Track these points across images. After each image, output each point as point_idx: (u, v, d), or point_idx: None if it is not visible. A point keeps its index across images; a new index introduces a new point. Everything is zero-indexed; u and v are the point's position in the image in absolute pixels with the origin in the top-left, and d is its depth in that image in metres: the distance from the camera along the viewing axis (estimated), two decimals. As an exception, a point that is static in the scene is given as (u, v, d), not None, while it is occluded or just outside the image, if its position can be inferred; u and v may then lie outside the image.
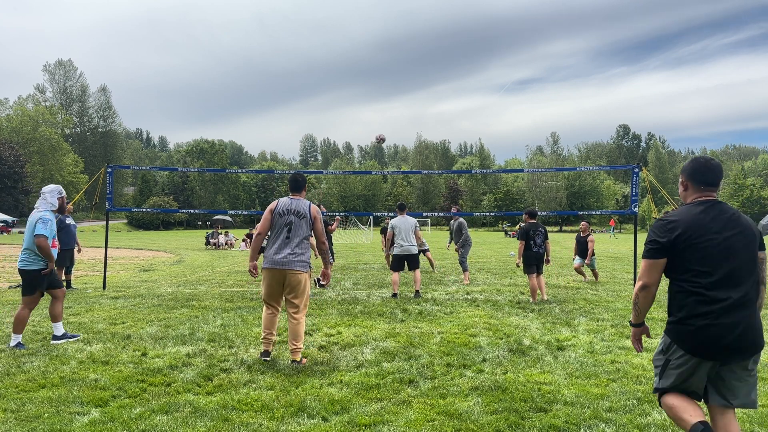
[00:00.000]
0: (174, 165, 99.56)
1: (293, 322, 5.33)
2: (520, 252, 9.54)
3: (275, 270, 5.24)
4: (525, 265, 9.55)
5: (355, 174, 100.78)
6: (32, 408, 4.07)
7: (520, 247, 9.58)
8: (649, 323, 7.50)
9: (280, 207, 5.33)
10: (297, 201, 5.39)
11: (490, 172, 18.32)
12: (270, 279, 5.30)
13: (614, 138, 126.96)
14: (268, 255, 5.28)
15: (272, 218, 5.32)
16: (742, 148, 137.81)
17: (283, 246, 5.24)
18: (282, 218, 5.28)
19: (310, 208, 5.36)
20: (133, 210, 20.60)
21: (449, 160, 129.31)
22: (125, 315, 7.85)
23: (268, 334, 5.41)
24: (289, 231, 5.24)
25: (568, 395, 4.46)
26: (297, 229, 5.26)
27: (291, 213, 5.29)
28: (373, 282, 12.31)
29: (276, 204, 5.39)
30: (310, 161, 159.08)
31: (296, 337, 5.30)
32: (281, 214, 5.29)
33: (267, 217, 5.35)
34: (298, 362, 5.25)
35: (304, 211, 5.32)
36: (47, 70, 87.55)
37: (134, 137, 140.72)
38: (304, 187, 5.52)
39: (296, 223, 5.27)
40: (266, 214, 5.36)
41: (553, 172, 79.10)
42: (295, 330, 5.31)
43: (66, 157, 73.71)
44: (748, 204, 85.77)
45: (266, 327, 5.43)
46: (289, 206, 5.34)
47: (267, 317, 5.44)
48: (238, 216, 76.32)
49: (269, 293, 5.37)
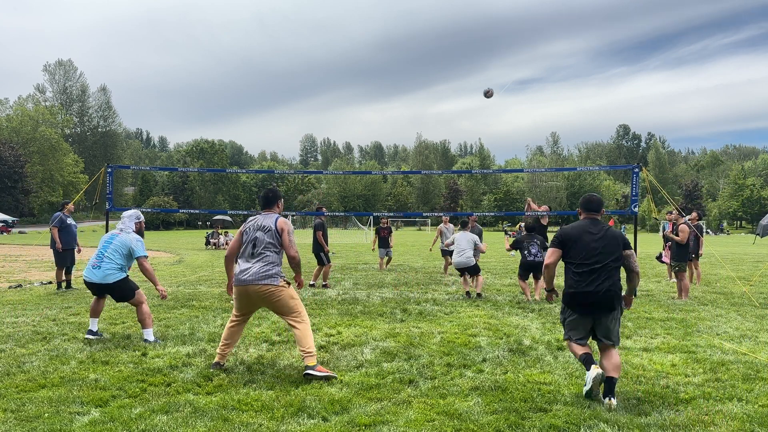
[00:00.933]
0: (174, 165, 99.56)
1: (294, 330, 5.07)
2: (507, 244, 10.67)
3: (242, 287, 5.01)
4: (520, 270, 10.11)
5: (355, 174, 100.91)
6: (32, 408, 4.07)
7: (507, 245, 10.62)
8: (649, 323, 7.51)
9: (247, 225, 5.17)
10: (268, 216, 5.18)
11: (490, 172, 18.47)
12: (239, 297, 5.09)
13: (614, 138, 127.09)
14: (236, 273, 5.07)
15: (240, 238, 5.15)
16: (742, 148, 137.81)
17: (248, 263, 5.01)
18: (247, 235, 5.10)
19: (276, 222, 5.10)
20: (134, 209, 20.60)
21: (449, 160, 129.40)
22: (125, 315, 7.85)
23: (224, 345, 5.16)
24: (253, 247, 5.03)
25: (568, 395, 4.46)
26: (260, 244, 5.03)
27: (258, 229, 5.09)
28: (373, 282, 12.31)
29: (245, 223, 5.23)
30: (310, 161, 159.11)
31: (303, 343, 4.98)
32: (247, 232, 5.12)
33: (237, 239, 5.18)
34: (312, 368, 4.82)
35: (269, 225, 5.09)
36: (47, 70, 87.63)
37: (134, 137, 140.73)
38: (276, 202, 5.29)
39: (260, 238, 5.04)
40: (236, 235, 5.22)
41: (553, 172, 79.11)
42: (299, 336, 5.02)
43: (66, 157, 73.74)
44: (748, 204, 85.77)
45: (225, 337, 5.19)
46: (258, 222, 5.14)
47: (229, 328, 5.20)
48: (238, 216, 76.33)
49: (239, 308, 5.17)
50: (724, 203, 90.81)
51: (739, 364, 5.39)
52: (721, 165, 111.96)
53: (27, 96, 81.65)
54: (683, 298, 9.69)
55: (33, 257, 19.38)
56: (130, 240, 6.29)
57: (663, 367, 5.29)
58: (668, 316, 8.00)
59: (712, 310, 8.70)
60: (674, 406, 4.23)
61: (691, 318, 7.92)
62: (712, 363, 5.43)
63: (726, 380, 4.89)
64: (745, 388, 4.65)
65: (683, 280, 9.84)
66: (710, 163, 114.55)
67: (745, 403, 4.30)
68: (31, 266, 15.92)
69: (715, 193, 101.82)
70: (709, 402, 4.33)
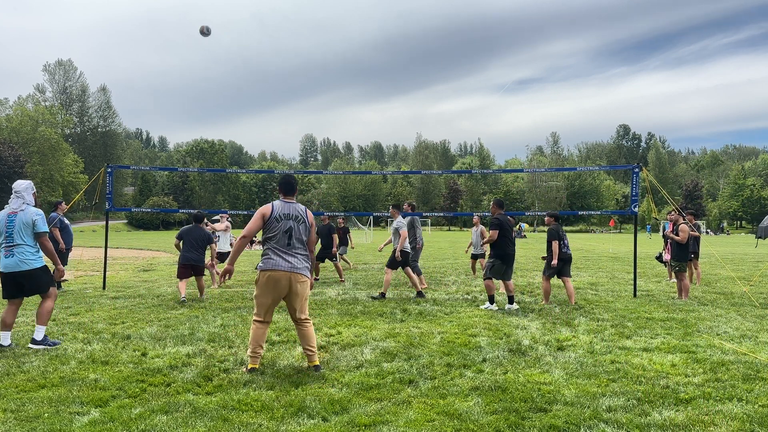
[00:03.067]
0: (174, 165, 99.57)
1: (307, 327, 5.15)
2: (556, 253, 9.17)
3: (282, 275, 4.99)
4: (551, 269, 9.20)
5: (355, 174, 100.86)
6: (32, 408, 4.07)
7: (555, 247, 9.18)
8: (649, 323, 7.50)
9: (276, 212, 5.08)
10: (292, 204, 5.19)
11: (490, 172, 18.34)
12: (274, 286, 5.01)
13: (614, 138, 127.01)
14: (271, 261, 5.02)
15: (267, 223, 5.06)
16: (742, 148, 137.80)
17: (287, 252, 5.04)
18: (279, 223, 5.04)
19: (306, 213, 5.21)
20: (133, 210, 20.62)
21: (449, 160, 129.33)
22: (125, 315, 7.85)
23: (257, 348, 5.08)
24: (289, 237, 5.05)
25: (568, 395, 4.45)
26: (297, 234, 5.09)
27: (289, 218, 5.09)
28: (373, 282, 12.31)
29: (270, 208, 5.10)
30: (310, 161, 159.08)
31: (311, 340, 5.13)
32: (278, 219, 5.05)
33: (258, 222, 5.08)
34: (320, 367, 5.09)
35: (302, 216, 5.15)
36: (47, 70, 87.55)
37: (134, 137, 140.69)
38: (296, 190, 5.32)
39: (295, 228, 5.09)
40: (257, 218, 5.08)
41: (553, 172, 79.04)
42: (311, 334, 5.15)
43: (66, 157, 73.67)
44: (748, 204, 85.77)
45: (257, 340, 5.07)
46: (286, 210, 5.12)
47: (259, 330, 5.08)
48: (238, 216, 76.30)
49: (269, 302, 5.07)
50: (724, 203, 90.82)
51: (739, 364, 5.39)
52: (721, 165, 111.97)
53: (27, 96, 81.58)
54: (683, 298, 9.68)
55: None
56: (32, 214, 5.80)
57: (663, 367, 5.29)
58: (668, 316, 8.00)
59: (712, 310, 8.70)
60: (674, 406, 4.23)
61: (691, 318, 7.91)
62: (712, 363, 5.43)
63: (726, 380, 4.89)
64: (745, 388, 4.65)
65: (683, 280, 9.83)
66: (710, 163, 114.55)
67: (745, 403, 4.30)
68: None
69: (715, 193, 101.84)
70: (709, 402, 4.32)
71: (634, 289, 10.49)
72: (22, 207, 5.83)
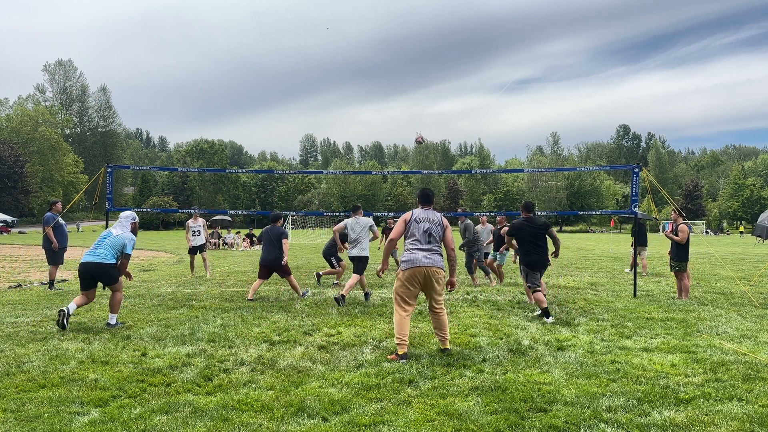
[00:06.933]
0: (174, 165, 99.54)
1: (440, 314, 5.82)
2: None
3: (423, 269, 5.68)
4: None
5: (355, 174, 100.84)
6: (32, 408, 4.07)
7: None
8: (649, 323, 7.51)
9: (416, 215, 5.90)
10: (430, 212, 5.98)
11: (490, 172, 18.34)
12: (415, 278, 5.69)
13: (614, 138, 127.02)
14: (414, 257, 5.70)
15: (408, 227, 5.86)
16: (742, 148, 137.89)
17: (427, 248, 5.76)
18: (419, 224, 5.83)
19: (442, 218, 5.97)
20: (132, 210, 20.58)
21: (449, 160, 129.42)
22: (125, 315, 7.85)
23: (403, 336, 5.61)
24: (429, 236, 5.80)
25: (568, 395, 4.45)
26: (435, 234, 5.83)
27: (427, 221, 5.86)
28: (373, 282, 12.31)
29: (411, 214, 5.94)
30: (310, 161, 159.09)
31: (445, 327, 5.84)
32: (418, 221, 5.85)
33: (401, 227, 5.90)
34: (449, 350, 5.79)
35: (438, 219, 5.93)
36: (47, 70, 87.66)
37: (134, 137, 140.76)
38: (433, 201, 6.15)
39: (434, 229, 5.84)
40: (400, 223, 5.93)
41: (553, 172, 79.04)
42: (445, 321, 5.85)
43: (66, 157, 73.71)
44: (748, 204, 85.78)
45: (403, 329, 5.63)
46: (425, 215, 5.90)
47: (404, 320, 5.68)
48: (237, 216, 76.30)
49: (410, 293, 5.73)
50: (724, 203, 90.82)
51: (739, 364, 5.39)
52: (721, 165, 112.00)
53: (27, 96, 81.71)
54: (683, 298, 9.69)
55: (33, 257, 19.37)
56: (125, 238, 7.27)
57: (663, 367, 5.29)
58: (668, 316, 8.00)
59: (712, 310, 8.70)
60: (674, 406, 4.23)
61: (691, 318, 7.92)
62: (712, 363, 5.43)
63: (726, 380, 4.88)
64: (745, 388, 4.65)
65: (683, 280, 9.84)
66: (710, 163, 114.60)
67: (745, 403, 4.30)
68: (30, 266, 15.92)
69: (715, 193, 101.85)
70: (709, 402, 4.32)
71: (634, 289, 10.50)
72: (124, 232, 7.31)
